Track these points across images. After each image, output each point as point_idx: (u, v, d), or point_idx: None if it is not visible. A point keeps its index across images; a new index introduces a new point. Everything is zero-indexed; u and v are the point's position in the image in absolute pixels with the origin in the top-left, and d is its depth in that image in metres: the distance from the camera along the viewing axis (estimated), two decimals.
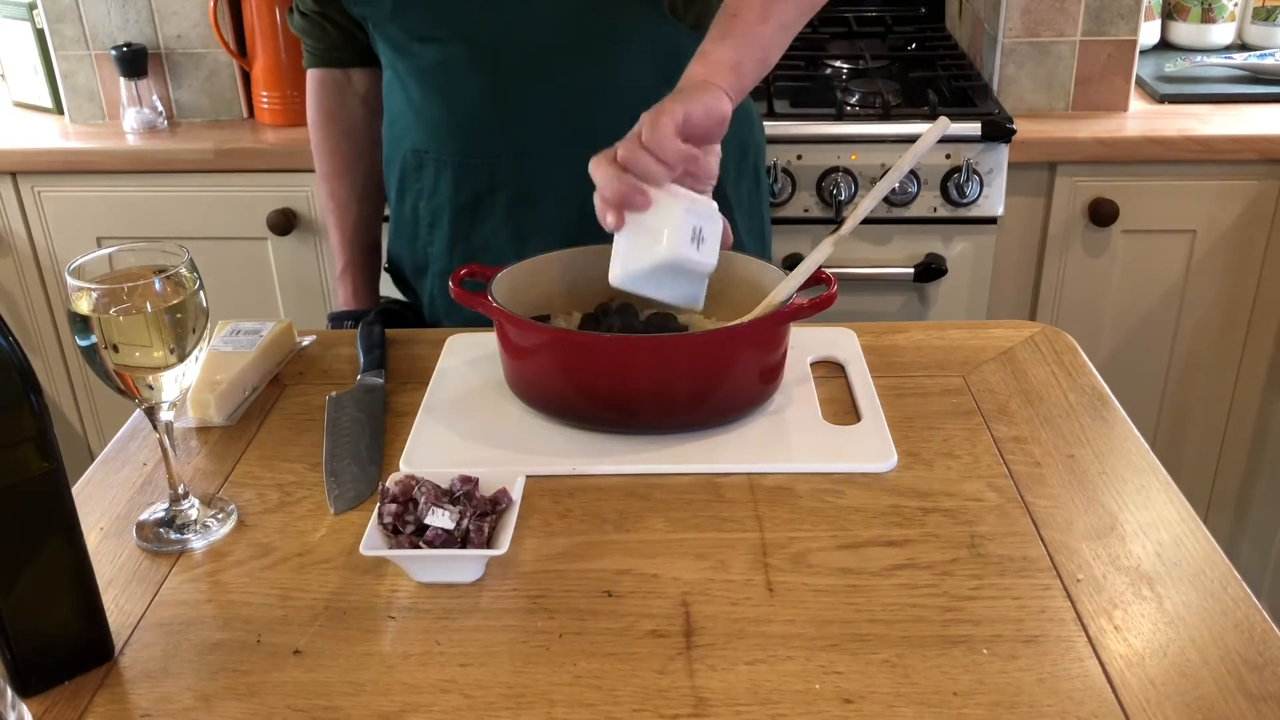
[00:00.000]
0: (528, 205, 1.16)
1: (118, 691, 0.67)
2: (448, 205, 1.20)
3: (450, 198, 1.19)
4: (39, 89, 1.98)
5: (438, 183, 1.20)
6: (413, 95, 1.18)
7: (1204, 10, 2.03)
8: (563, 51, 1.11)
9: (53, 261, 1.89)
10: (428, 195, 1.21)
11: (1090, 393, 0.96)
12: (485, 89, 1.13)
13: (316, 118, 1.33)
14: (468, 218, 1.19)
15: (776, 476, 0.85)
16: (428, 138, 1.19)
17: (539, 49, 1.10)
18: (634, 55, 1.12)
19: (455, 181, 1.18)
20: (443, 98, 1.15)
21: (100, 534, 0.81)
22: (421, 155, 1.20)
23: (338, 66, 1.29)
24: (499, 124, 1.14)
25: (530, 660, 0.68)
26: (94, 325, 0.73)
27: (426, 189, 1.21)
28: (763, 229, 1.31)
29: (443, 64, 1.13)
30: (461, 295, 0.93)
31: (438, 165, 1.19)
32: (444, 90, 1.15)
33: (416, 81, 1.17)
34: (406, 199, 1.25)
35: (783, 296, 0.90)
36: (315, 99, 1.32)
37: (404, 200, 1.26)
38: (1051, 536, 0.78)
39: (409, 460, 0.88)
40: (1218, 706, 0.64)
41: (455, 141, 1.17)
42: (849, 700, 0.65)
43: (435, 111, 1.17)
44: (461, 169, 1.18)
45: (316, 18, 1.25)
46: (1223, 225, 1.75)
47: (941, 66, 1.92)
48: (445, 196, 1.20)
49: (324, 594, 0.75)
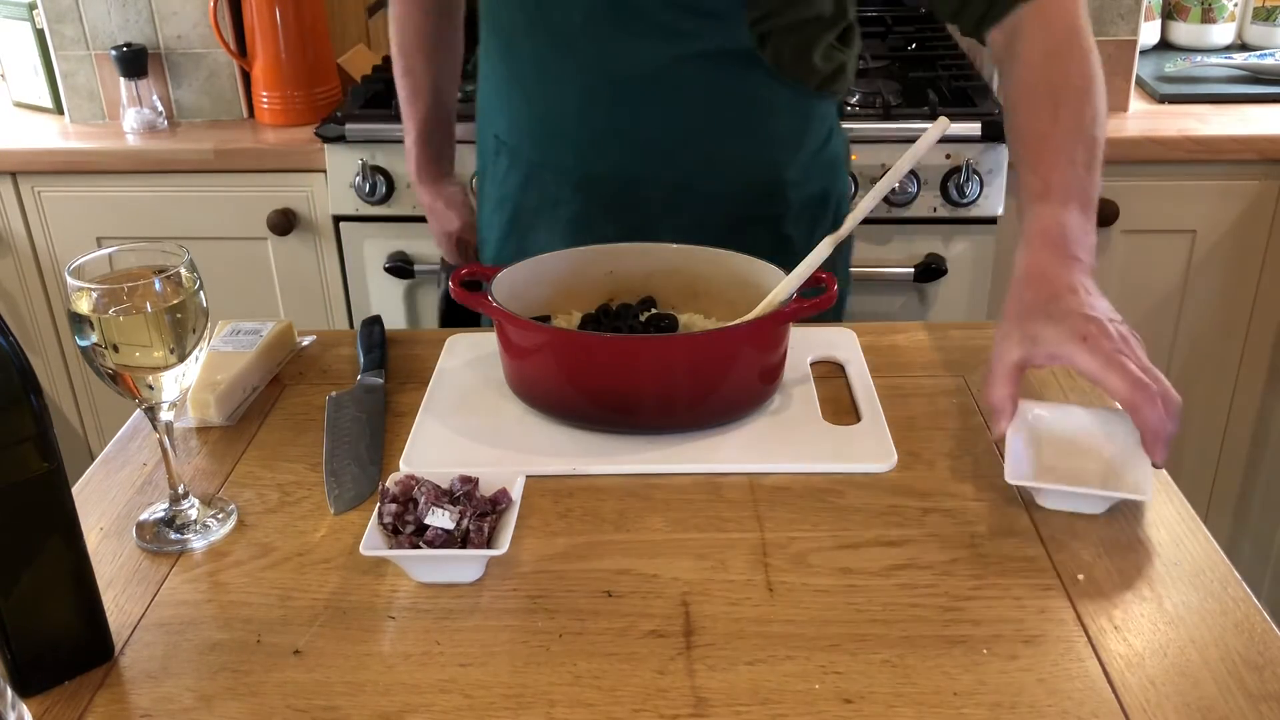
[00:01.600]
0: (588, 229, 1.13)
1: (118, 691, 0.67)
2: (512, 200, 1.20)
3: (515, 196, 1.19)
4: (39, 89, 1.98)
5: (508, 176, 1.20)
6: (502, 80, 1.17)
7: (1204, 10, 2.03)
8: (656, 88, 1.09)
9: (53, 261, 1.89)
10: (499, 181, 1.22)
11: (1090, 392, 0.96)
12: (576, 107, 1.11)
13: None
14: (529, 220, 1.19)
15: (776, 476, 0.85)
16: (509, 129, 1.18)
17: (635, 82, 1.09)
18: (728, 106, 1.11)
19: (523, 184, 1.18)
20: (532, 96, 1.15)
21: (100, 534, 0.81)
22: (500, 143, 1.20)
23: None
24: (584, 141, 1.13)
25: (530, 660, 0.68)
26: (94, 325, 0.73)
27: (499, 175, 1.21)
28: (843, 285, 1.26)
29: (536, 69, 1.13)
30: (462, 295, 0.93)
31: (511, 160, 1.19)
32: (531, 94, 1.14)
33: (508, 71, 1.16)
34: (487, 175, 1.25)
35: (783, 297, 0.90)
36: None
37: (484, 175, 1.26)
38: (1051, 536, 0.78)
39: (409, 460, 0.88)
40: (1218, 706, 0.64)
41: (534, 144, 1.16)
42: (849, 700, 0.65)
43: (521, 107, 1.16)
44: (531, 173, 1.17)
45: None
46: (1223, 225, 1.75)
47: (941, 66, 1.92)
48: (512, 191, 1.19)
49: (324, 594, 0.75)
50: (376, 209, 1.77)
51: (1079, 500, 0.79)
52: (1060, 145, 0.93)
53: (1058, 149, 0.93)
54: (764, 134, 1.14)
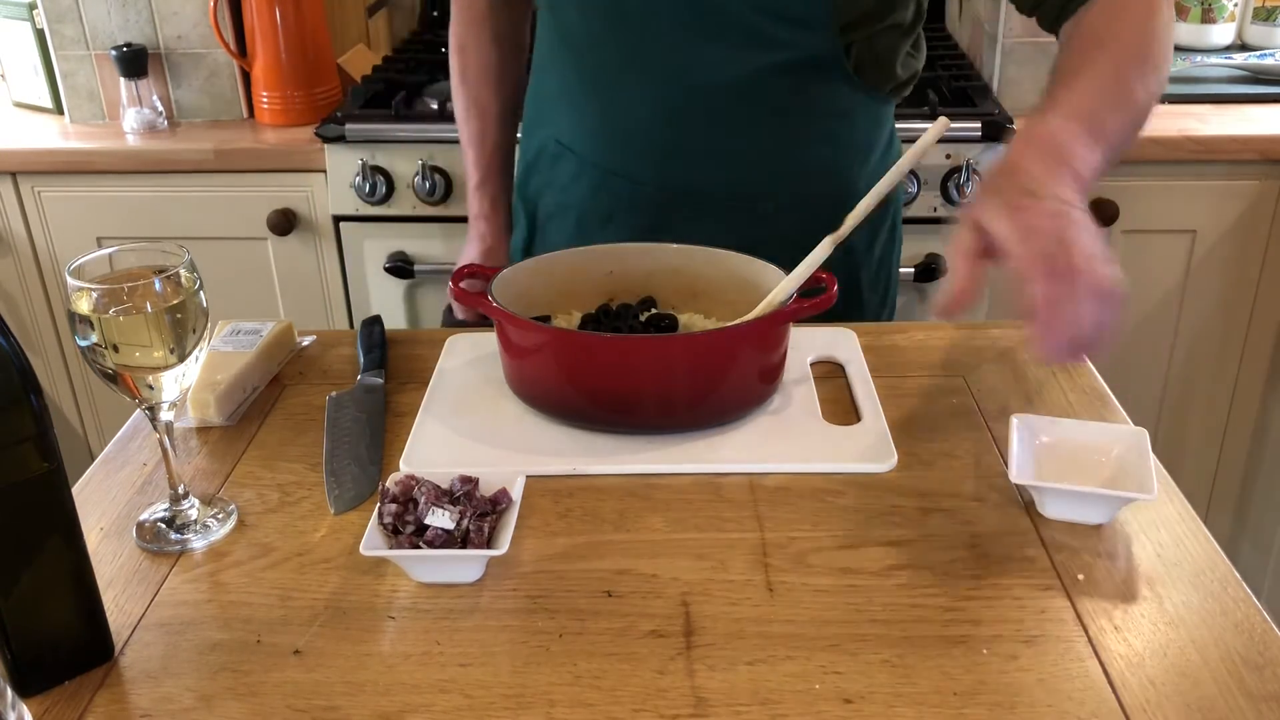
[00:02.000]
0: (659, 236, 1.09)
1: (118, 691, 0.67)
2: (577, 206, 1.17)
3: (584, 201, 1.16)
4: (39, 89, 1.98)
5: (575, 182, 1.17)
6: (571, 87, 1.15)
7: (1204, 10, 2.03)
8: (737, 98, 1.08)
9: (53, 261, 1.89)
10: (559, 188, 1.19)
11: (1090, 393, 0.96)
12: (653, 116, 1.10)
13: (468, 15, 1.27)
14: (594, 226, 1.16)
15: (776, 476, 0.85)
16: (576, 135, 1.16)
17: (716, 92, 1.07)
18: (808, 115, 1.10)
19: (594, 188, 1.15)
20: (606, 104, 1.12)
21: (100, 534, 0.81)
22: (564, 148, 1.17)
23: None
24: (659, 151, 1.11)
25: (530, 660, 0.68)
26: (94, 325, 0.73)
27: (559, 181, 1.19)
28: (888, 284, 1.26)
29: (612, 78, 1.11)
30: (462, 295, 0.93)
31: (580, 165, 1.16)
32: (609, 98, 1.12)
33: (579, 78, 1.14)
34: (533, 179, 1.22)
35: (783, 297, 0.90)
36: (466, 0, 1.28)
37: (528, 180, 1.22)
38: (1051, 536, 0.78)
39: (409, 460, 0.88)
40: (1218, 706, 0.64)
41: (607, 151, 1.14)
42: (849, 700, 0.65)
43: (593, 115, 1.14)
44: (604, 178, 1.15)
45: None
46: (1223, 225, 1.75)
47: (941, 66, 1.92)
48: (578, 198, 1.17)
49: (324, 594, 0.75)
50: (376, 209, 1.77)
51: (1081, 509, 0.79)
52: (1088, 82, 0.88)
53: (1085, 83, 0.88)
54: (841, 143, 1.13)
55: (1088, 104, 0.86)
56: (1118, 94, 0.88)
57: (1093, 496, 0.78)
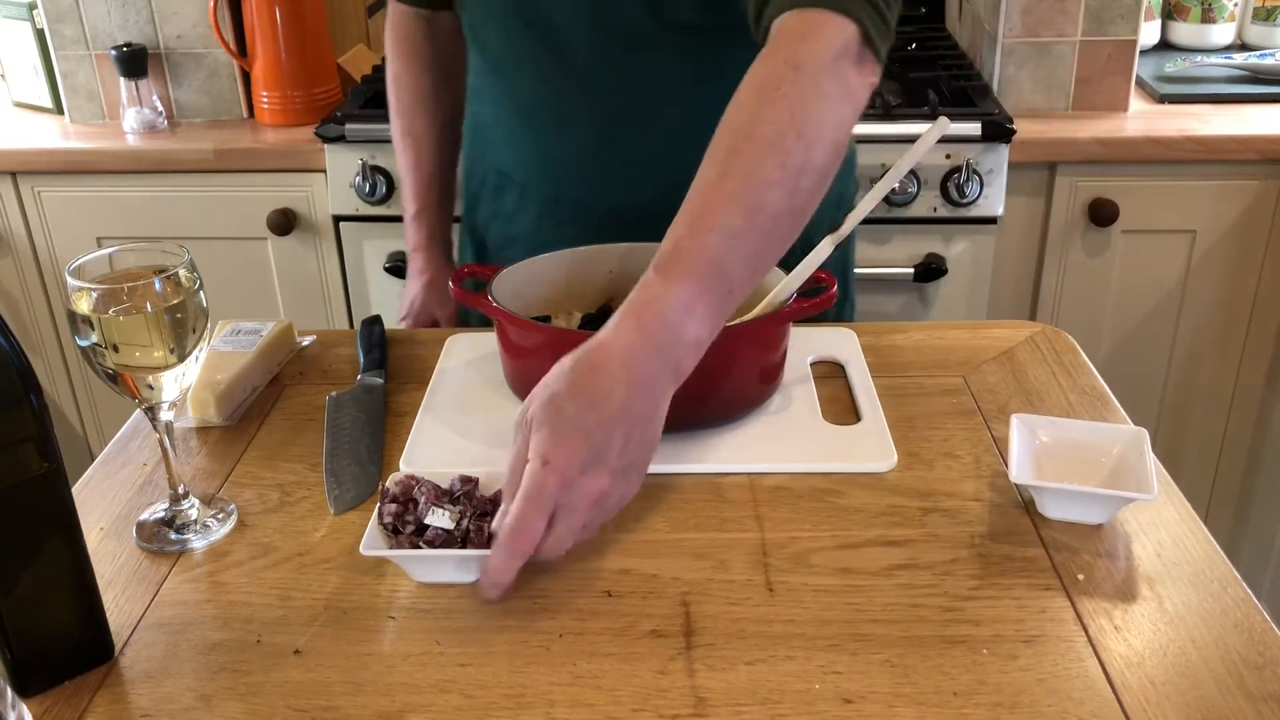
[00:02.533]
0: None
1: (118, 691, 0.67)
2: (526, 239, 1.15)
3: (532, 233, 1.14)
4: (39, 89, 1.98)
5: (518, 213, 1.15)
6: (504, 116, 1.13)
7: (1204, 10, 2.03)
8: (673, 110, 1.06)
9: (53, 261, 1.89)
10: (505, 218, 1.17)
11: (1090, 393, 0.96)
12: (588, 138, 1.08)
13: (398, 46, 1.26)
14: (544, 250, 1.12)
15: (776, 476, 0.85)
16: (516, 165, 1.14)
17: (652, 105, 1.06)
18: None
19: (539, 218, 1.14)
20: (540, 132, 1.11)
21: (100, 534, 0.81)
22: (505, 178, 1.15)
23: (427, 7, 1.24)
24: (600, 173, 1.09)
25: (530, 660, 0.68)
26: (94, 325, 0.73)
27: (505, 212, 1.17)
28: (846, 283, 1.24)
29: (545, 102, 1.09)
30: (462, 295, 0.93)
31: (522, 196, 1.15)
32: (542, 124, 1.10)
33: (511, 106, 1.12)
34: (480, 209, 1.21)
35: (783, 296, 0.90)
36: (398, 27, 1.26)
37: (475, 211, 1.21)
38: (1051, 536, 0.78)
39: (409, 460, 0.88)
40: (1218, 706, 0.64)
41: (549, 180, 1.12)
42: (849, 700, 0.65)
43: (529, 143, 1.12)
44: (548, 207, 1.13)
45: None
46: (1223, 225, 1.75)
47: (941, 66, 1.92)
48: (525, 229, 1.15)
49: (324, 594, 0.75)
50: (376, 209, 1.77)
51: (1081, 509, 0.79)
52: (715, 206, 0.77)
53: (709, 210, 0.77)
54: None
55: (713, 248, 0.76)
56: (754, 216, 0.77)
57: (1093, 496, 0.78)
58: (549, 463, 0.70)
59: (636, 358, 0.74)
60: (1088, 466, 0.82)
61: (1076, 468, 0.82)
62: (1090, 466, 0.82)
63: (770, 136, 0.78)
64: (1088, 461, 0.82)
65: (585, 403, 0.72)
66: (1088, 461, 0.82)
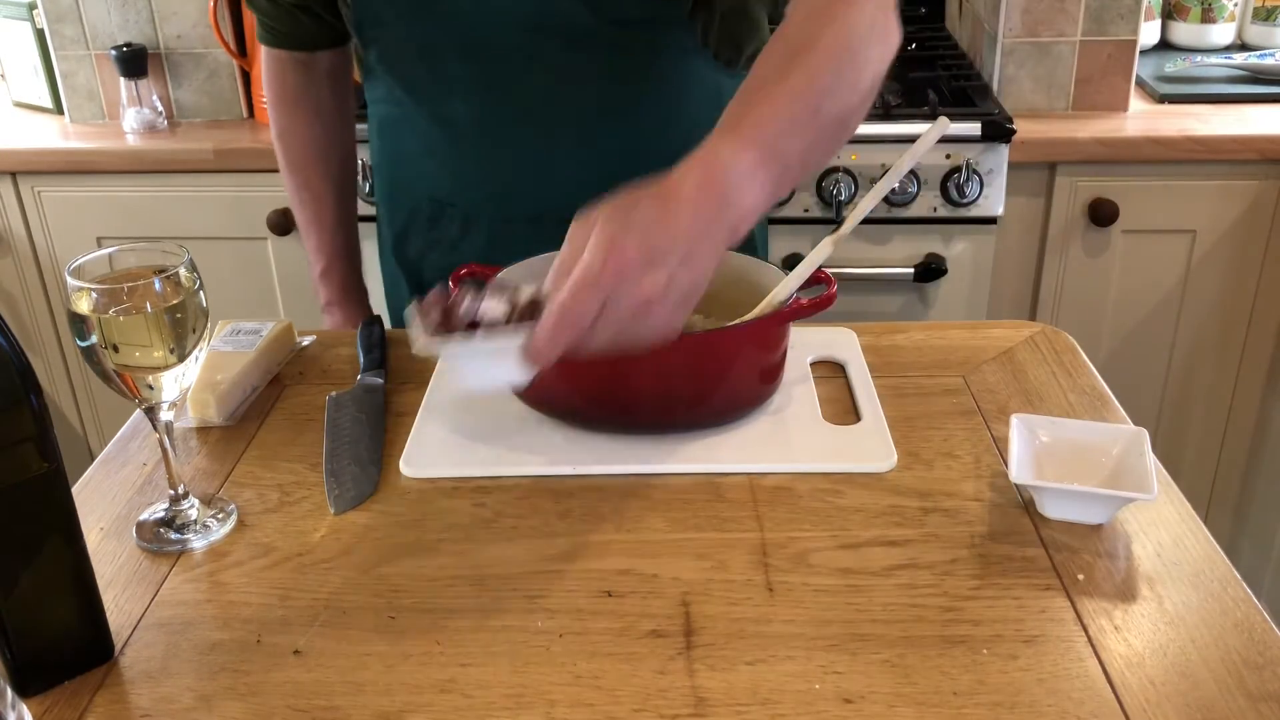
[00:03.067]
0: None
1: (118, 691, 0.67)
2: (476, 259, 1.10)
3: (481, 252, 1.10)
4: (39, 89, 1.98)
5: (464, 237, 1.13)
6: (435, 143, 1.10)
7: (1204, 10, 2.03)
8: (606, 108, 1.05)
9: (53, 261, 1.89)
10: (447, 247, 1.14)
11: (1090, 393, 0.96)
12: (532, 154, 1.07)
13: (280, 99, 1.21)
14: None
15: (776, 476, 0.85)
16: (456, 189, 1.11)
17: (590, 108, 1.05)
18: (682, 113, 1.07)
19: (490, 239, 1.11)
20: (480, 154, 1.08)
21: (100, 534, 0.81)
22: (441, 206, 1.13)
23: (303, 50, 1.19)
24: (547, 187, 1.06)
25: (530, 660, 0.68)
26: (94, 325, 0.73)
27: (445, 240, 1.14)
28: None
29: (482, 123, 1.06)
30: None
31: (466, 219, 1.12)
32: (483, 146, 1.08)
33: (443, 132, 1.09)
34: (411, 243, 1.17)
35: (783, 296, 0.90)
36: (277, 79, 1.21)
37: (407, 243, 1.17)
38: (1051, 536, 0.78)
39: (409, 460, 0.88)
40: (1218, 706, 0.64)
41: (498, 198, 1.10)
42: (849, 700, 0.65)
43: (470, 165, 1.09)
44: (498, 226, 1.10)
45: (290, 8, 1.15)
46: (1223, 225, 1.75)
47: (941, 66, 1.92)
48: (472, 254, 1.10)
49: (324, 594, 0.75)
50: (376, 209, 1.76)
51: (1081, 509, 0.79)
52: (776, 97, 0.80)
53: (771, 98, 0.80)
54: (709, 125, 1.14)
55: (774, 128, 0.79)
56: (812, 117, 0.81)
57: (1093, 496, 0.78)
58: (612, 251, 0.70)
59: (702, 202, 0.74)
60: (1088, 466, 0.82)
61: (1076, 468, 0.82)
62: (1090, 466, 0.82)
63: (830, 50, 0.82)
64: (1088, 461, 0.82)
65: (655, 215, 0.72)
66: (1088, 461, 0.82)
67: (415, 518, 0.82)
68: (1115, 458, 0.82)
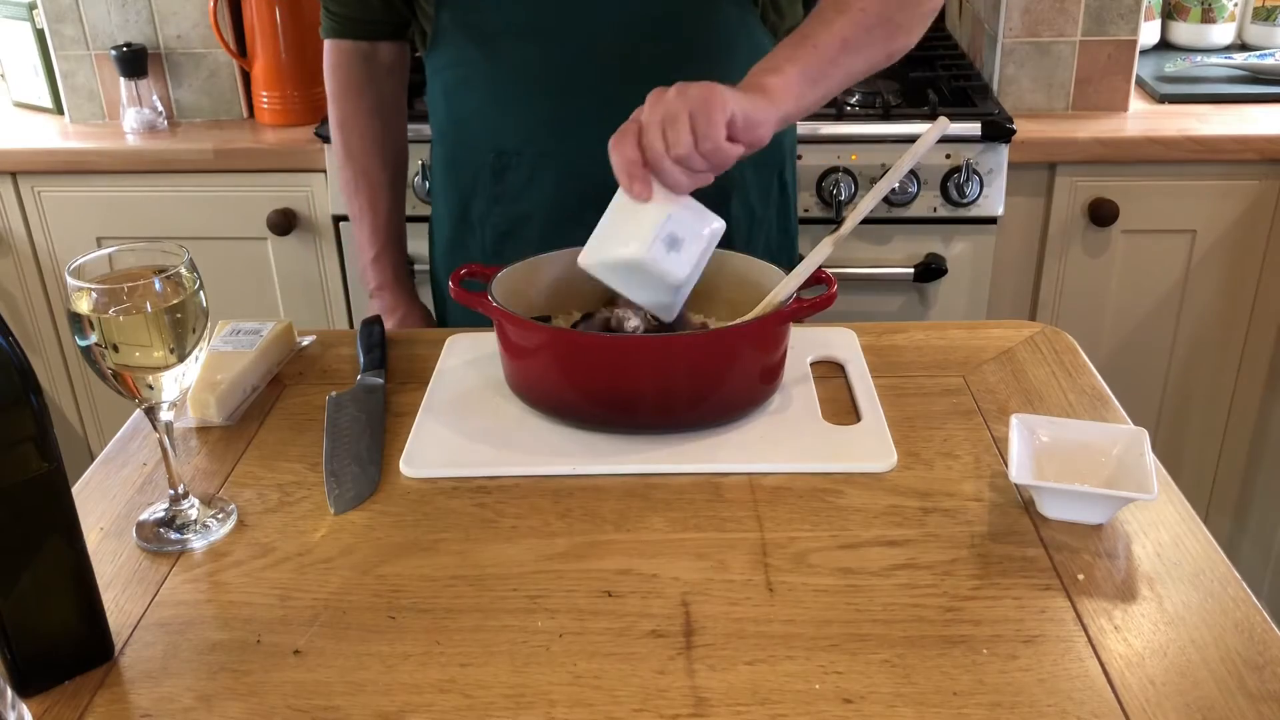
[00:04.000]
0: None
1: (118, 691, 0.67)
2: (541, 209, 1.16)
3: (548, 200, 1.15)
4: (39, 89, 1.98)
5: (529, 186, 1.15)
6: (504, 95, 1.13)
7: (1204, 10, 2.03)
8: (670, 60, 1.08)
9: (53, 261, 1.89)
10: (510, 200, 1.17)
11: (1090, 393, 0.96)
12: (588, 88, 1.10)
13: (343, 91, 1.25)
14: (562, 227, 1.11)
15: (776, 476, 0.85)
16: (521, 139, 1.14)
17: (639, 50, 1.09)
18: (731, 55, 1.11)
19: (558, 182, 1.14)
20: (550, 101, 1.12)
21: (100, 534, 0.81)
22: (508, 157, 1.15)
23: (367, 39, 1.23)
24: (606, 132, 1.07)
25: (530, 660, 0.68)
26: (94, 325, 0.73)
27: (509, 193, 1.16)
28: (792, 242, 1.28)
29: (554, 71, 1.10)
30: (461, 295, 0.93)
31: (533, 166, 1.15)
32: (547, 89, 1.11)
33: (514, 83, 1.12)
34: (474, 207, 1.19)
35: (783, 296, 0.90)
36: (340, 71, 1.25)
37: (469, 208, 1.20)
38: (1051, 536, 0.78)
39: (409, 460, 0.88)
40: (1218, 706, 0.64)
41: (559, 141, 1.13)
42: (849, 700, 0.65)
43: (536, 112, 1.13)
44: (562, 176, 1.13)
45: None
46: (1223, 225, 1.75)
47: (941, 66, 1.92)
48: (540, 200, 1.15)
49: (324, 594, 0.75)
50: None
51: (1081, 509, 0.79)
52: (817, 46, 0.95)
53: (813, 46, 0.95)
54: None
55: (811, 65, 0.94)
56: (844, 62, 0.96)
57: (1092, 496, 0.78)
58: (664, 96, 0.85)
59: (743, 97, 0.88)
60: (1088, 466, 0.82)
61: (1076, 468, 0.82)
62: (1090, 466, 0.82)
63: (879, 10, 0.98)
64: (1088, 461, 0.82)
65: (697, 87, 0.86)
66: (1088, 461, 0.82)
67: (415, 518, 0.82)
68: (1115, 458, 0.82)
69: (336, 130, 1.27)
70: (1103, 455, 0.83)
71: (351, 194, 1.30)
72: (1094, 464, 0.82)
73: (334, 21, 1.23)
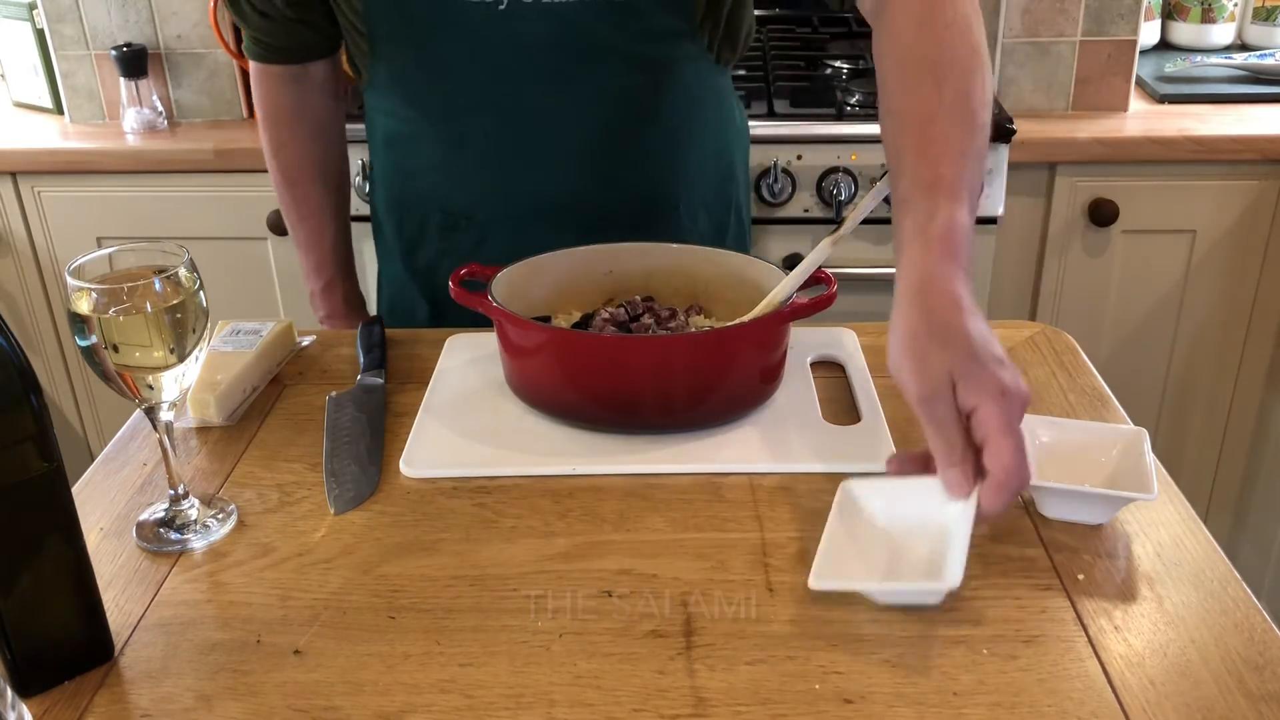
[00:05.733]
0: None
1: (118, 691, 0.67)
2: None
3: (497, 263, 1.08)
4: (39, 89, 1.98)
5: (479, 247, 1.12)
6: (446, 157, 1.10)
7: (1204, 10, 2.03)
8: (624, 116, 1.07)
9: (53, 261, 1.89)
10: (459, 255, 1.12)
11: (1090, 393, 0.96)
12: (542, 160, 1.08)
13: (277, 115, 1.20)
14: None
15: (776, 476, 0.85)
16: (469, 202, 1.11)
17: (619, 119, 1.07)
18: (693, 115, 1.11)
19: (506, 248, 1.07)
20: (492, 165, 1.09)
21: (100, 534, 0.81)
22: (456, 219, 1.12)
23: (299, 63, 1.18)
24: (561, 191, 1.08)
25: (530, 660, 0.68)
26: (94, 325, 0.73)
27: (459, 250, 1.13)
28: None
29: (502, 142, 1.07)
30: (461, 295, 0.93)
31: (482, 231, 1.12)
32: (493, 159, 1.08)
33: (459, 151, 1.09)
34: (421, 253, 1.16)
35: (783, 296, 0.90)
36: (271, 95, 1.19)
37: (415, 254, 1.17)
38: (1052, 537, 0.78)
39: (409, 460, 0.88)
40: (1218, 706, 0.64)
41: (513, 206, 1.10)
42: (849, 700, 0.64)
43: (483, 179, 1.09)
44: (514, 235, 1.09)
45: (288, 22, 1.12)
46: (1223, 225, 1.75)
47: None
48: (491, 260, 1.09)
49: (324, 594, 0.75)
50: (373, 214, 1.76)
51: (1081, 509, 0.79)
52: (948, 131, 0.83)
53: (946, 135, 0.83)
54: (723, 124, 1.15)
55: (966, 173, 0.82)
56: (979, 139, 0.84)
57: (1093, 496, 0.78)
58: (1007, 391, 0.71)
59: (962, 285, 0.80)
60: (1088, 466, 0.82)
61: (1076, 468, 0.82)
62: (1090, 466, 0.82)
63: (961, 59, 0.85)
64: (1088, 461, 0.82)
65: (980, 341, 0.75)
66: (1088, 461, 0.82)
67: (415, 518, 0.82)
68: (1115, 458, 0.82)
69: (272, 156, 1.23)
70: (1103, 455, 0.82)
71: (294, 223, 1.26)
72: (1094, 464, 0.82)
73: (263, 48, 1.17)
